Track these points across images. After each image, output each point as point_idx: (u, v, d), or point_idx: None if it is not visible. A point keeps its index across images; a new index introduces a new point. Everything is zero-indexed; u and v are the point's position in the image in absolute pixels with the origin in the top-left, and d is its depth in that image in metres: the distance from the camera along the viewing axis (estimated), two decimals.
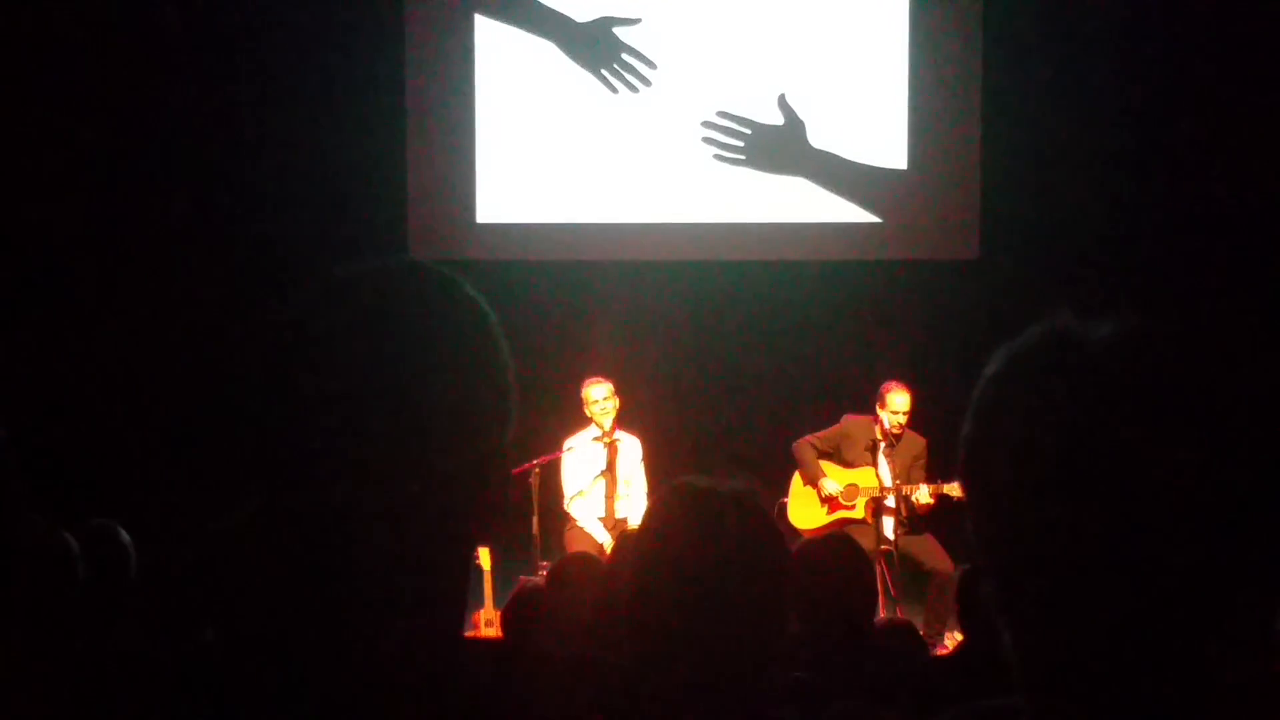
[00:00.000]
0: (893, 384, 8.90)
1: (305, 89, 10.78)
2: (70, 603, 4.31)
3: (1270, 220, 10.32)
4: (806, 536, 8.17)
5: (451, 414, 1.31)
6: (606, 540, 8.75)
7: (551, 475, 8.98)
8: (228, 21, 10.75)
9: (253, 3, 10.72)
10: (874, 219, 11.01)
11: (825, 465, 9.02)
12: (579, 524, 8.96)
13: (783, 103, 10.95)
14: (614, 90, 11.03)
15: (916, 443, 8.93)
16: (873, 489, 8.87)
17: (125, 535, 5.06)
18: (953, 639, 8.01)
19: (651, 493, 8.90)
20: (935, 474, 8.84)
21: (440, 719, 1.32)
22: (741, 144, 11.00)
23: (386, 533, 1.30)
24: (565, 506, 9.01)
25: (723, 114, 10.99)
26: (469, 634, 7.86)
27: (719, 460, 9.90)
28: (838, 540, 4.65)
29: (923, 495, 8.70)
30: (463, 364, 1.33)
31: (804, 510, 9.06)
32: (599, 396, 8.96)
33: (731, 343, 11.06)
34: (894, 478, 8.79)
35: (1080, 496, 1.14)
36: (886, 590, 8.23)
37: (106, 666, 3.45)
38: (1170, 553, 1.13)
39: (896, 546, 8.72)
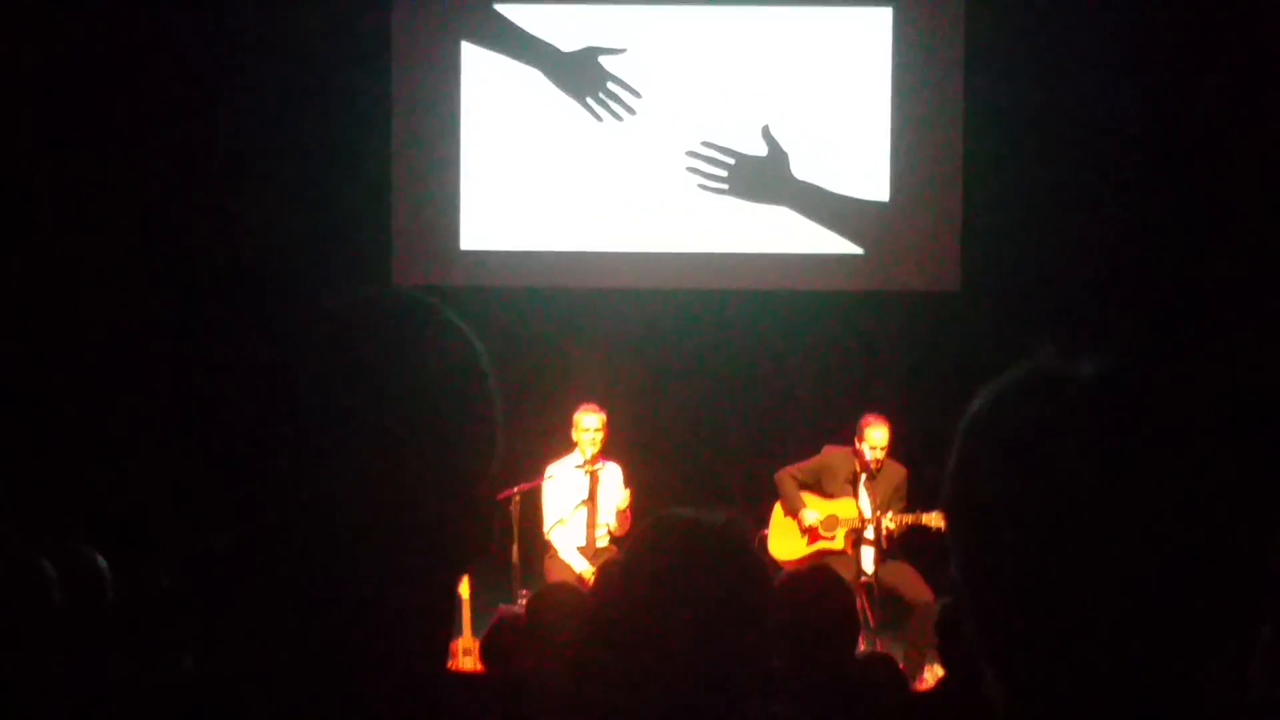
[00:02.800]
0: (871, 416, 8.90)
1: (291, 114, 10.77)
2: (45, 628, 4.28)
3: (1254, 256, 10.36)
4: (787, 567, 8.16)
5: (437, 443, 1.31)
6: (586, 569, 8.73)
7: (532, 502, 8.95)
8: (214, 48, 10.74)
9: (238, 30, 10.72)
10: (856, 250, 11.04)
11: (806, 496, 9.02)
12: (559, 553, 8.93)
13: (766, 134, 10.98)
14: (599, 119, 11.05)
15: (897, 472, 8.94)
16: (853, 520, 8.87)
17: (102, 560, 5.03)
18: (933, 672, 7.99)
19: (633, 518, 8.91)
20: (916, 503, 8.84)
21: None
22: (725, 174, 11.03)
23: (370, 562, 1.29)
24: (545, 534, 8.99)
25: (706, 144, 11.02)
26: (448, 664, 7.82)
27: (699, 490, 9.88)
28: (820, 573, 4.64)
29: (902, 523, 8.71)
30: (449, 393, 1.33)
31: (784, 541, 9.05)
32: (591, 425, 8.95)
33: (713, 372, 11.06)
34: (874, 509, 8.79)
35: (1063, 535, 1.14)
36: (865, 622, 8.21)
37: (82, 694, 3.43)
38: (1154, 591, 1.13)
39: (876, 578, 8.71)
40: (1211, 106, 10.43)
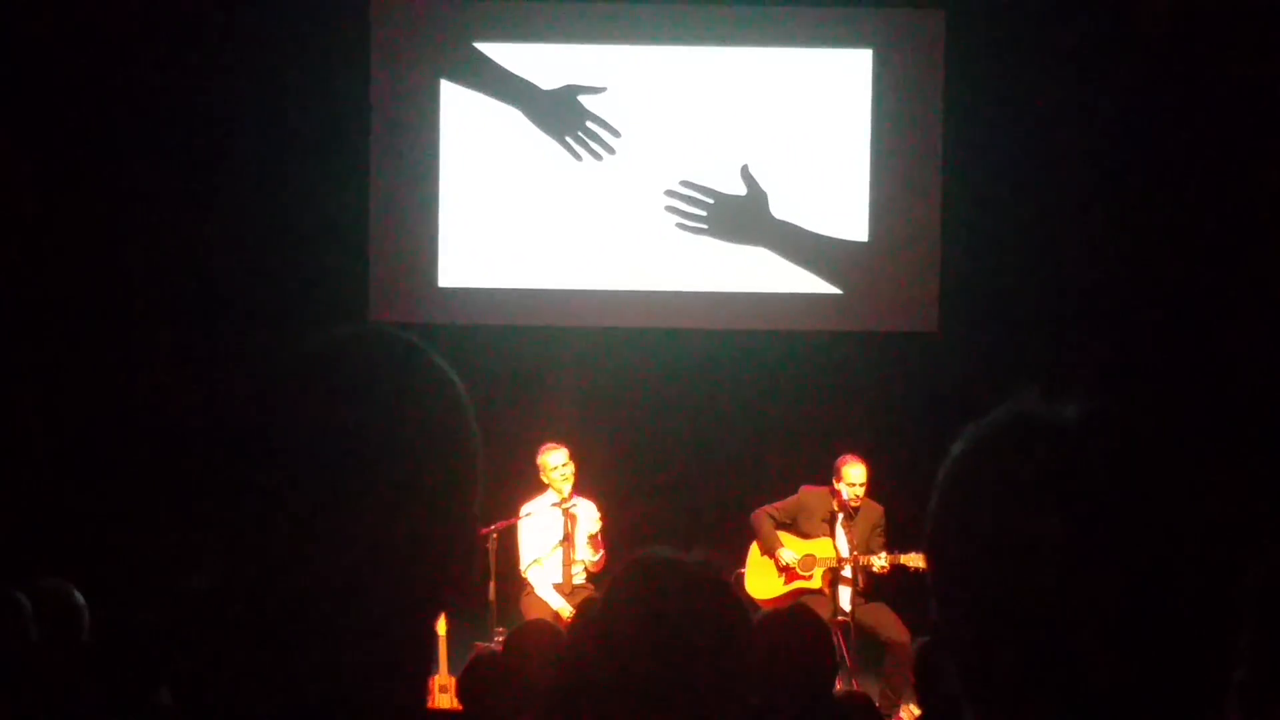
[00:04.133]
0: (849, 457, 8.91)
1: (269, 151, 10.77)
2: (22, 663, 4.26)
3: (1236, 296, 10.42)
4: (764, 606, 8.15)
5: (417, 482, 1.30)
6: (563, 607, 8.71)
7: (509, 540, 8.94)
8: (191, 82, 10.74)
9: (218, 64, 10.73)
10: (834, 290, 11.07)
11: (783, 535, 9.02)
12: (535, 591, 8.92)
13: (745, 173, 11.02)
14: (578, 158, 11.07)
15: (874, 511, 8.95)
16: (830, 560, 8.87)
17: (79, 596, 5.01)
18: (909, 711, 7.99)
19: (607, 551, 8.90)
20: (893, 542, 8.84)
21: None
22: (704, 213, 11.05)
23: (350, 601, 1.29)
24: (522, 572, 8.98)
25: (685, 183, 11.05)
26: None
27: (676, 529, 9.88)
28: (798, 612, 4.64)
29: (879, 563, 8.71)
30: (428, 432, 1.32)
31: (761, 580, 9.05)
32: (557, 463, 8.94)
33: (690, 411, 11.06)
34: (852, 548, 8.80)
35: (1044, 579, 1.15)
36: (843, 661, 8.21)
37: None
38: (1133, 635, 1.14)
39: (853, 617, 8.71)
40: (1194, 160, 10.50)
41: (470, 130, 11.10)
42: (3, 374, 10.42)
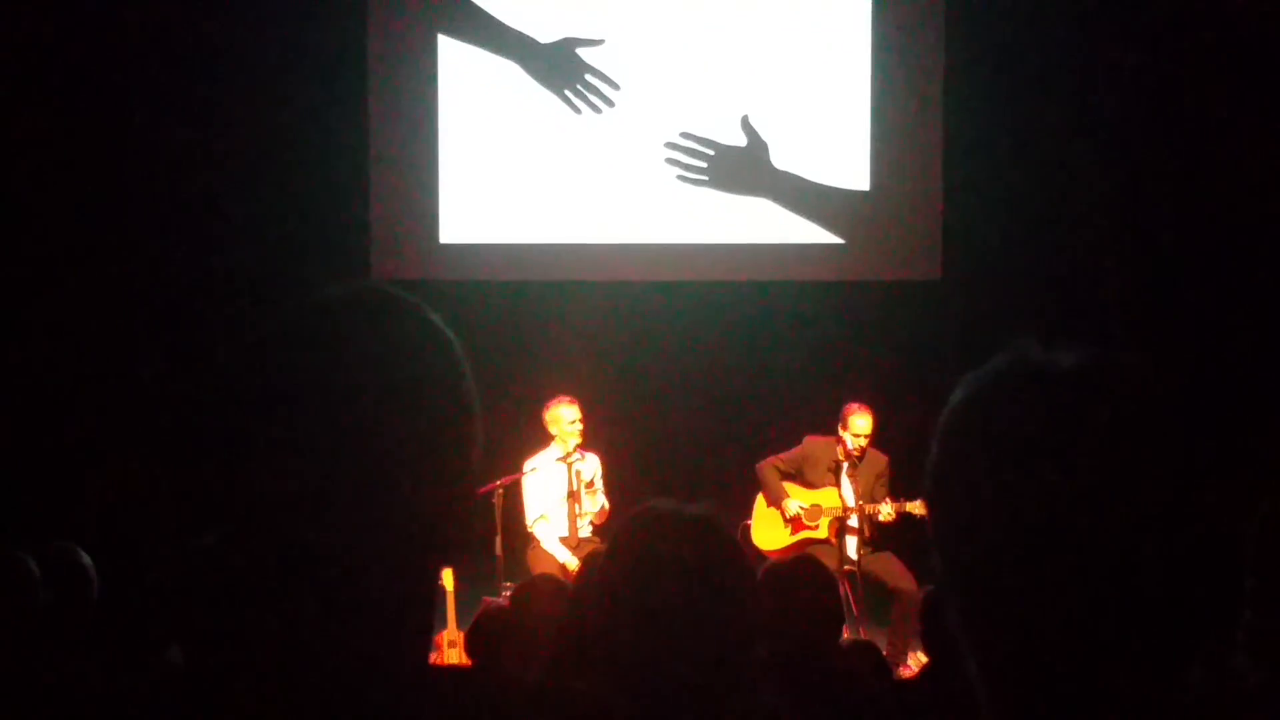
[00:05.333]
0: (855, 405, 8.91)
1: (268, 110, 10.74)
2: (31, 626, 4.28)
3: (1236, 243, 10.39)
4: (770, 557, 8.17)
5: (415, 439, 1.31)
6: (570, 561, 8.73)
7: (514, 495, 8.96)
8: (189, 42, 10.70)
9: (215, 24, 10.68)
10: (836, 240, 11.05)
11: (788, 486, 9.03)
12: (542, 545, 8.94)
13: (746, 124, 10.98)
14: (577, 111, 11.04)
15: (879, 460, 8.95)
16: (835, 509, 8.88)
17: (86, 558, 5.03)
18: (916, 660, 8.02)
19: (611, 505, 8.92)
20: (898, 491, 8.86)
21: None
22: (704, 165, 11.03)
23: (352, 557, 1.29)
24: (528, 527, 9.00)
25: (686, 135, 11.02)
26: (433, 657, 7.82)
27: (681, 481, 9.90)
28: (804, 562, 4.65)
29: (885, 511, 8.73)
30: (426, 389, 1.33)
31: (767, 531, 9.06)
32: (569, 417, 8.95)
33: (694, 363, 11.06)
34: (857, 498, 8.81)
35: (1045, 525, 1.15)
36: (849, 610, 8.23)
37: (69, 690, 3.43)
38: (1136, 581, 1.14)
39: (860, 566, 8.73)
40: (1194, 93, 10.45)
41: (469, 85, 11.06)
42: (5, 332, 10.42)
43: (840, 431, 8.91)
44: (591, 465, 9.07)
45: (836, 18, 11.02)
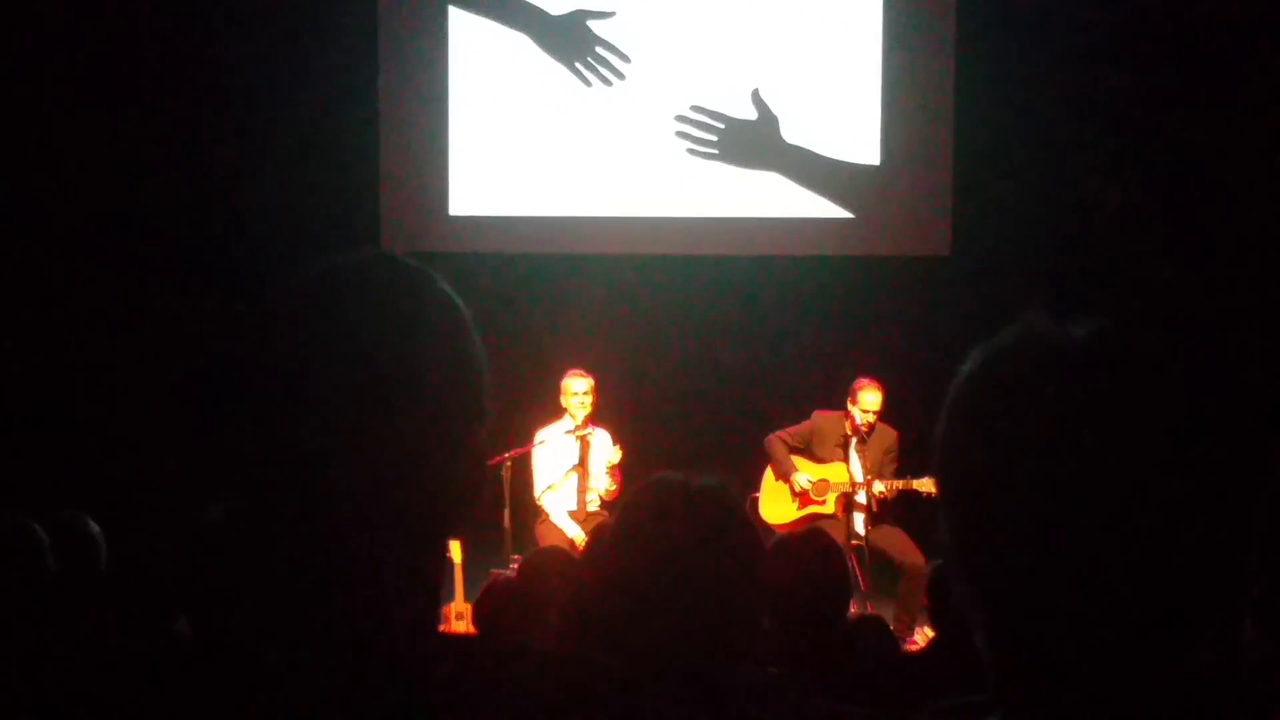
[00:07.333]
0: (865, 381, 8.91)
1: (278, 82, 10.74)
2: (40, 594, 4.29)
3: (1245, 219, 10.36)
4: (778, 531, 8.18)
5: (424, 409, 1.31)
6: (577, 534, 8.75)
7: (523, 468, 8.96)
8: (199, 14, 10.70)
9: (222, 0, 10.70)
10: (846, 214, 11.03)
11: (797, 460, 9.04)
12: (550, 517, 8.95)
13: (756, 98, 10.95)
14: (588, 84, 11.02)
15: (887, 435, 8.96)
16: (844, 484, 8.89)
17: (95, 526, 5.04)
18: (924, 634, 8.03)
19: (622, 480, 8.92)
20: (906, 467, 8.86)
21: (415, 714, 1.32)
22: (715, 138, 11.00)
23: (360, 526, 1.29)
24: (536, 499, 9.01)
25: (696, 108, 10.99)
26: (441, 628, 7.84)
27: (689, 455, 9.89)
28: (811, 535, 4.65)
29: (879, 488, 8.73)
30: (435, 359, 1.33)
31: (775, 505, 9.08)
32: (580, 390, 8.96)
33: (703, 337, 11.06)
34: (865, 473, 8.82)
35: (1054, 498, 1.15)
36: (857, 585, 8.24)
37: (77, 658, 3.44)
38: (1144, 554, 1.14)
39: (867, 541, 8.74)
40: (1205, 69, 10.41)
41: (479, 57, 11.04)
42: (16, 303, 10.44)
43: (849, 406, 8.91)
44: (603, 440, 9.04)
45: None
